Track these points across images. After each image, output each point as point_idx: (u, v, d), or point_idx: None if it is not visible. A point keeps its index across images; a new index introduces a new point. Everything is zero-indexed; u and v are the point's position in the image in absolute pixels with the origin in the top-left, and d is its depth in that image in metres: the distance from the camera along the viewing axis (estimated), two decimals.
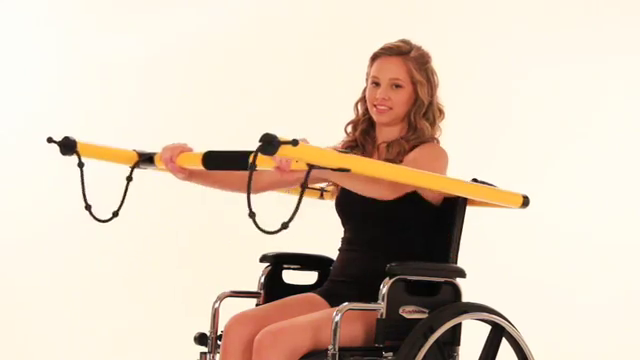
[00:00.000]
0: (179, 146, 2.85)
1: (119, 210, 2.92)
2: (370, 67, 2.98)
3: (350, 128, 3.06)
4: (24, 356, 5.35)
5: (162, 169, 2.93)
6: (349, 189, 2.77)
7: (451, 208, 2.89)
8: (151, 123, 5.44)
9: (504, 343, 2.87)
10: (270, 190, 3.06)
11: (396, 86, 2.93)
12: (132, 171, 2.95)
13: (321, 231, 3.19)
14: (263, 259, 3.08)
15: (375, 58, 2.97)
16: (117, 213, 2.92)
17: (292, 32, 5.31)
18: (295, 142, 2.34)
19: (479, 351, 2.86)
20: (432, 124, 2.96)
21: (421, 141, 2.93)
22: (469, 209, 2.95)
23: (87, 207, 2.89)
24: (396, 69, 2.92)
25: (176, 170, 2.86)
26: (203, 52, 5.43)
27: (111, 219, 2.91)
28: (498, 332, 2.85)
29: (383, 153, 2.97)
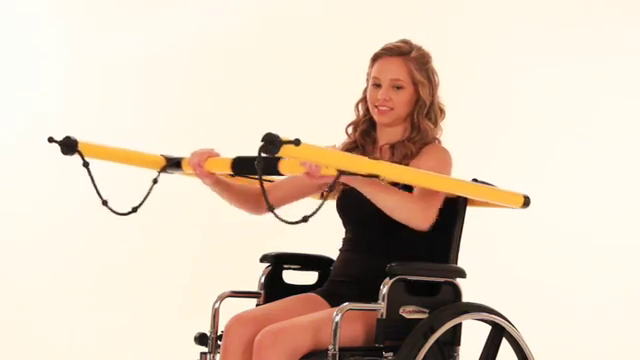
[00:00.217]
0: (207, 151, 2.86)
1: (139, 207, 2.91)
2: (371, 68, 2.98)
3: (351, 129, 3.06)
4: (24, 356, 5.35)
5: (189, 174, 2.95)
6: (380, 207, 2.77)
7: (451, 208, 2.89)
8: (151, 123, 5.44)
9: (504, 343, 2.87)
10: (288, 202, 3.06)
11: (397, 87, 2.93)
12: (159, 175, 2.96)
13: (321, 231, 3.19)
14: (263, 259, 3.08)
15: (376, 59, 2.97)
16: (136, 209, 2.92)
17: (292, 32, 5.31)
18: (297, 142, 2.34)
19: (479, 351, 2.86)
20: (434, 124, 2.96)
21: (425, 142, 2.93)
22: (469, 209, 2.95)
23: (104, 202, 2.89)
24: (397, 70, 2.92)
25: (204, 175, 2.88)
26: (203, 52, 5.43)
27: (130, 213, 2.90)
28: (498, 332, 2.85)
29: (386, 154, 2.96)
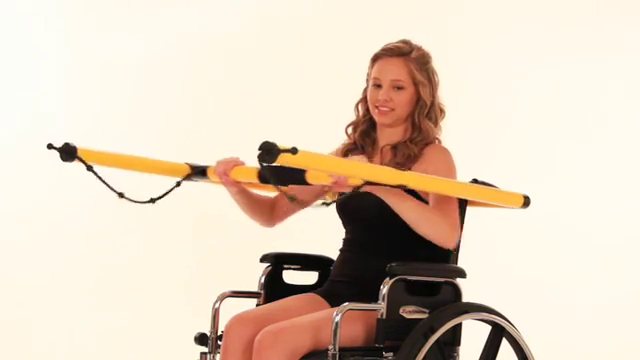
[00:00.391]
0: (232, 160, 2.88)
1: (158, 199, 2.98)
2: (371, 68, 2.98)
3: (350, 129, 3.06)
4: (24, 356, 5.35)
5: (215, 182, 2.97)
6: (404, 219, 2.78)
7: None
8: (151, 123, 5.44)
9: (504, 343, 2.87)
10: (294, 213, 3.09)
11: (398, 87, 2.93)
12: (182, 180, 3.00)
13: (321, 231, 3.19)
14: (263, 259, 3.08)
15: (376, 59, 2.97)
16: (155, 201, 2.98)
17: (292, 32, 5.31)
18: (294, 150, 2.34)
19: (479, 351, 2.86)
20: (435, 124, 2.97)
21: (426, 142, 2.93)
22: (469, 209, 2.95)
23: (120, 195, 2.89)
24: (397, 70, 2.92)
25: (229, 183, 2.90)
26: (203, 52, 5.43)
27: (148, 202, 2.97)
28: (498, 332, 2.85)
29: (387, 155, 2.96)
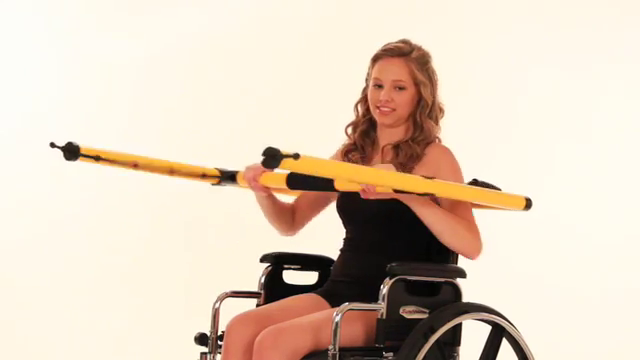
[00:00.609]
0: (261, 166, 2.87)
1: (175, 174, 3.00)
2: (371, 68, 2.98)
3: (350, 129, 3.06)
4: (24, 356, 5.35)
5: (244, 187, 3.00)
6: (430, 228, 2.79)
7: None
8: (151, 123, 5.44)
9: (504, 343, 2.87)
10: (309, 220, 3.13)
11: (399, 88, 2.92)
12: (213, 185, 3.05)
13: (321, 231, 3.19)
14: (263, 259, 3.08)
15: (376, 59, 2.96)
16: (173, 173, 2.99)
17: (292, 32, 5.31)
18: (297, 156, 2.35)
19: (479, 351, 2.86)
20: (436, 123, 2.97)
21: (427, 142, 2.93)
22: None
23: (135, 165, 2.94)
24: (398, 70, 2.92)
25: (258, 189, 2.93)
26: (203, 52, 5.43)
27: (165, 172, 2.99)
28: (498, 332, 2.85)
29: (388, 155, 2.96)
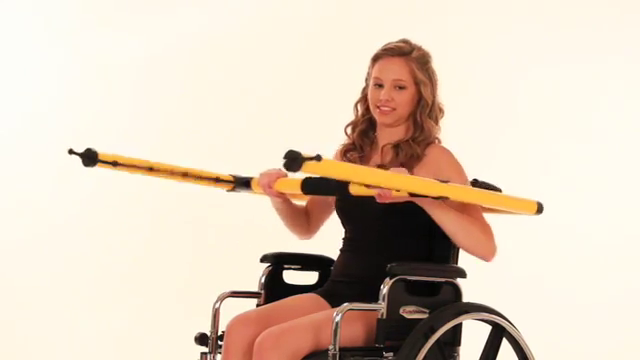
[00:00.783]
0: (276, 172, 2.92)
1: (190, 178, 3.00)
2: (371, 68, 2.98)
3: (350, 129, 3.06)
4: (24, 356, 5.35)
5: (259, 193, 3.02)
6: (445, 230, 2.80)
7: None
8: (151, 123, 5.44)
9: (505, 343, 2.87)
10: (322, 224, 3.14)
11: (399, 87, 2.92)
12: (224, 182, 3.05)
13: (322, 231, 3.19)
14: (264, 259, 3.08)
15: (377, 59, 2.96)
16: (187, 175, 2.99)
17: (292, 32, 5.31)
18: (319, 157, 2.36)
19: (480, 351, 2.86)
20: (436, 122, 2.97)
21: (427, 142, 2.93)
22: None
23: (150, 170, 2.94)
24: (399, 70, 2.92)
25: (274, 195, 2.95)
26: (203, 52, 5.43)
27: (179, 175, 2.99)
28: (499, 332, 2.85)
29: (388, 155, 2.96)
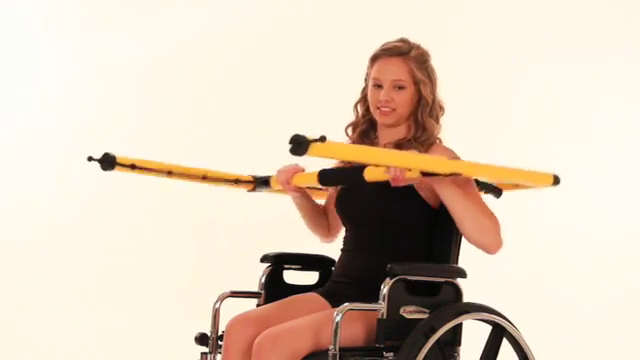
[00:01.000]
0: (293, 168, 2.95)
1: (209, 181, 3.06)
2: (370, 68, 2.97)
3: (350, 130, 3.06)
4: (24, 356, 5.35)
5: (278, 190, 3.06)
6: (453, 212, 2.78)
7: None
8: (151, 123, 5.44)
9: (505, 343, 2.87)
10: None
11: (399, 87, 2.92)
12: (244, 183, 3.09)
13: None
14: (264, 259, 3.08)
15: (375, 59, 2.96)
16: (206, 178, 3.04)
17: (292, 32, 5.31)
18: (323, 138, 2.38)
19: (480, 351, 2.86)
20: (437, 121, 2.97)
21: (430, 142, 2.93)
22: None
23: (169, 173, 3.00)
24: (398, 70, 2.92)
25: (292, 190, 2.98)
26: (203, 52, 5.43)
27: (198, 178, 3.04)
28: (499, 332, 2.85)
29: None
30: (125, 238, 5.38)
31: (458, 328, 2.82)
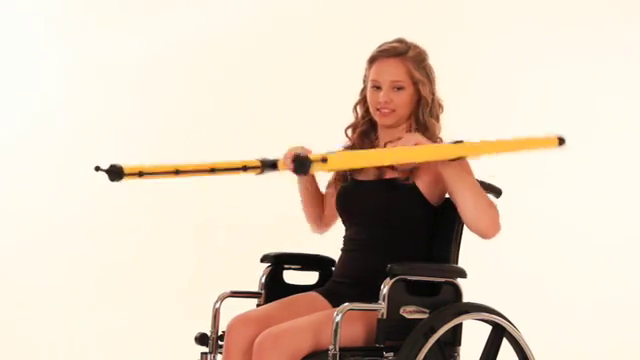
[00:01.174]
0: (299, 149, 2.90)
1: (218, 172, 2.96)
2: (368, 70, 2.97)
3: (350, 131, 3.06)
4: (24, 356, 5.35)
5: (284, 170, 2.98)
6: (455, 196, 2.78)
7: (452, 208, 2.89)
8: (151, 123, 5.44)
9: (505, 343, 2.87)
10: (337, 219, 3.11)
11: (398, 88, 2.92)
12: (252, 169, 3.00)
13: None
14: (264, 259, 3.08)
15: (373, 61, 2.95)
16: (214, 171, 2.95)
17: (292, 32, 5.31)
18: (324, 160, 2.40)
19: (480, 351, 2.86)
20: (437, 120, 2.97)
21: (432, 142, 2.93)
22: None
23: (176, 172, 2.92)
24: (396, 71, 2.91)
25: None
26: (203, 52, 5.43)
27: (207, 172, 2.95)
28: (499, 332, 2.85)
29: None
30: (125, 238, 5.38)
31: (458, 328, 2.81)
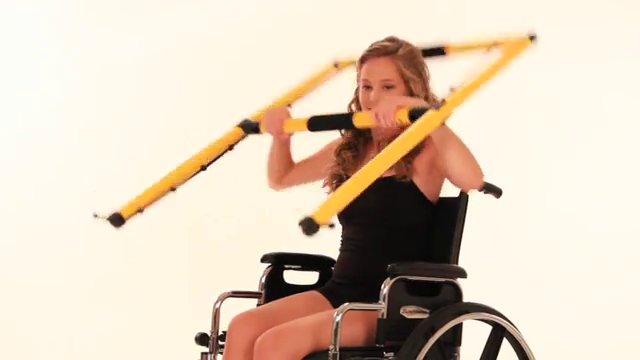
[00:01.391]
0: (280, 112, 3.05)
1: (208, 165, 3.10)
2: (359, 69, 2.97)
3: (344, 130, 3.06)
4: (24, 356, 5.35)
5: (266, 132, 3.07)
6: (445, 150, 2.77)
7: (452, 208, 2.89)
8: (151, 123, 5.44)
9: (505, 343, 2.87)
10: (298, 184, 3.16)
11: (388, 87, 2.91)
12: (237, 143, 3.14)
13: (322, 231, 3.19)
14: (264, 259, 3.08)
15: (363, 60, 2.95)
16: (205, 167, 3.08)
17: (292, 32, 5.31)
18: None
19: (480, 351, 2.86)
20: None
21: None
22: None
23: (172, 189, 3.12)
24: (386, 70, 2.91)
25: (285, 138, 3.04)
26: (203, 52, 5.43)
27: (199, 171, 3.09)
28: (499, 332, 2.85)
29: None
30: (125, 238, 5.36)
31: (458, 328, 2.82)
